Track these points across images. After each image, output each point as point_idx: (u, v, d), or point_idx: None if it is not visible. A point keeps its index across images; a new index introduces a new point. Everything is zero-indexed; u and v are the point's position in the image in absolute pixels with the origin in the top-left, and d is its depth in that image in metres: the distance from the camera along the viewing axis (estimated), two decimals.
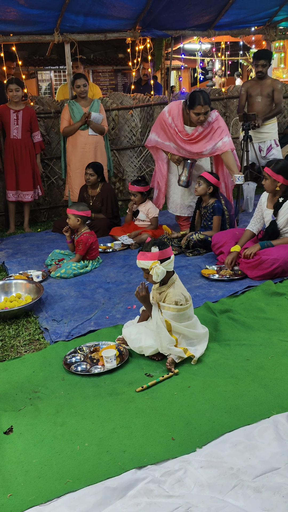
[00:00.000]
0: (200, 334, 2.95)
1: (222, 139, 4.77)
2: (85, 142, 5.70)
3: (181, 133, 4.84)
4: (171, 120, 4.87)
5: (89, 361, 2.92)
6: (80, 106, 5.71)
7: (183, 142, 4.87)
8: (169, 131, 4.92)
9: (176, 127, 4.84)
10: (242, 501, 1.86)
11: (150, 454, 2.12)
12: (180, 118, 4.84)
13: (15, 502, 1.91)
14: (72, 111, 5.69)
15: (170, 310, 2.85)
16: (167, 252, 2.88)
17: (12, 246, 5.31)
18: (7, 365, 2.93)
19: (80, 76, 5.70)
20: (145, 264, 2.83)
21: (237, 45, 10.69)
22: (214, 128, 4.78)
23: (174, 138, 4.90)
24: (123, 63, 12.68)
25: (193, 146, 4.85)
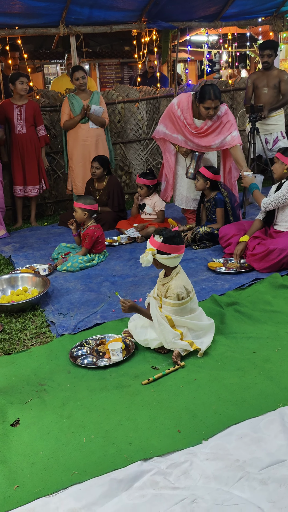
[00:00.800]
0: (205, 326, 2.94)
1: (231, 133, 4.73)
2: (87, 135, 5.67)
3: (190, 126, 4.79)
4: (180, 113, 4.81)
5: (95, 354, 2.92)
6: (79, 99, 5.67)
7: (191, 135, 4.82)
8: (177, 123, 4.87)
9: (185, 119, 4.79)
10: (248, 493, 1.86)
11: (156, 446, 2.12)
12: (189, 111, 4.79)
13: (21, 494, 1.92)
14: (72, 105, 5.65)
15: (171, 306, 2.84)
16: (169, 248, 2.83)
17: (19, 240, 5.32)
18: (14, 358, 2.95)
19: (78, 68, 5.62)
20: (148, 245, 2.89)
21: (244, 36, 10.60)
22: (224, 122, 4.73)
23: (182, 130, 4.85)
24: (129, 55, 12.62)
25: (201, 140, 4.81)
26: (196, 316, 2.93)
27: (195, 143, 4.85)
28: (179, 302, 2.84)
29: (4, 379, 2.73)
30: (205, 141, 4.80)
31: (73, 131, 5.70)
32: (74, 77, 5.58)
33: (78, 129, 5.68)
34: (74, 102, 5.65)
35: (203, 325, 2.94)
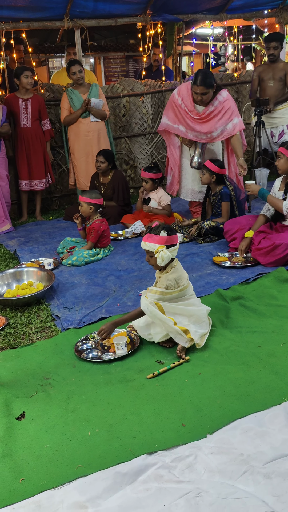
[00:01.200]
0: (196, 311, 2.89)
1: (232, 121, 4.74)
2: (88, 129, 5.64)
3: (192, 112, 4.77)
4: (181, 101, 4.80)
5: (100, 348, 2.93)
6: (78, 93, 5.63)
7: (193, 121, 4.78)
8: (179, 113, 4.86)
9: (186, 107, 4.78)
10: (252, 486, 1.86)
11: (160, 440, 2.12)
12: (189, 98, 4.76)
13: (27, 487, 1.93)
14: (71, 100, 5.61)
15: (155, 293, 2.84)
16: (175, 238, 2.87)
17: (24, 234, 5.33)
18: (19, 352, 2.96)
19: (75, 63, 5.57)
20: (151, 246, 2.82)
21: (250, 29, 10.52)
22: (225, 108, 4.71)
23: (184, 119, 4.83)
24: (134, 49, 12.57)
25: (203, 126, 4.77)
26: (188, 303, 2.91)
27: (197, 130, 4.80)
28: (164, 291, 2.82)
29: (9, 372, 2.74)
30: (207, 127, 4.76)
31: (74, 126, 5.67)
32: (71, 71, 5.53)
33: (79, 124, 5.65)
34: (73, 97, 5.62)
35: (194, 311, 2.89)
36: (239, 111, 5.62)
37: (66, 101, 5.63)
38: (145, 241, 2.86)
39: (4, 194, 5.56)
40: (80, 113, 5.55)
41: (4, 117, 5.38)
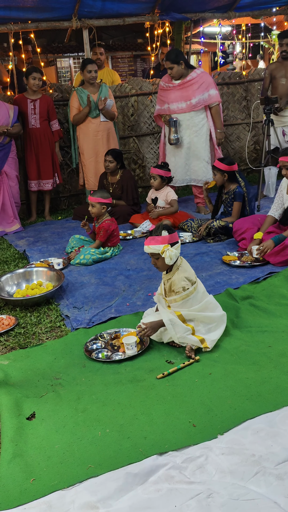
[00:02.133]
0: (216, 318, 2.89)
1: (209, 92, 5.38)
2: (97, 129, 5.66)
3: (173, 84, 5.42)
4: (164, 83, 5.51)
5: (110, 348, 2.93)
6: (88, 93, 5.65)
7: (174, 90, 5.41)
8: (164, 94, 5.51)
9: (168, 83, 5.46)
10: (264, 488, 1.85)
11: (171, 440, 2.12)
12: (169, 78, 5.47)
13: (38, 487, 1.93)
14: (81, 99, 5.63)
15: (177, 301, 2.83)
16: (175, 236, 2.85)
17: (33, 234, 5.34)
18: (29, 352, 2.96)
19: (93, 62, 5.63)
20: (156, 248, 2.79)
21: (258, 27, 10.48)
22: (202, 79, 5.37)
23: (167, 96, 5.46)
24: (142, 48, 12.56)
25: (183, 92, 5.37)
26: (208, 307, 2.89)
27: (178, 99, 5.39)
28: (184, 293, 2.81)
29: (19, 372, 2.74)
30: (186, 94, 5.37)
31: (83, 125, 5.68)
32: (87, 69, 5.56)
33: (88, 124, 5.66)
34: (83, 96, 5.63)
35: (214, 317, 2.89)
36: (248, 109, 5.69)
37: (76, 99, 5.65)
38: (148, 244, 2.82)
39: (14, 194, 5.58)
40: (87, 110, 5.56)
41: (16, 117, 5.40)
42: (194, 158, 5.52)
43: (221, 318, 2.94)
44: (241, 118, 7.38)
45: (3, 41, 8.67)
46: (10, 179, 5.50)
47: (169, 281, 2.89)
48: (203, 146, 5.48)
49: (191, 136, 5.46)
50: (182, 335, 2.77)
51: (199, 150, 5.48)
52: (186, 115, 5.42)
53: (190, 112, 5.40)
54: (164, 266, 2.87)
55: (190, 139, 5.47)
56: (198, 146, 5.47)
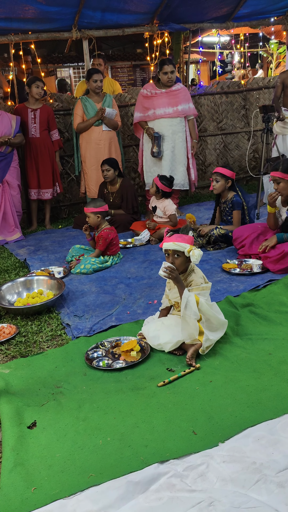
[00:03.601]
0: (220, 321, 2.93)
1: (189, 104, 5.83)
2: (100, 138, 5.71)
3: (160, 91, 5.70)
4: (147, 91, 5.74)
5: (110, 356, 2.93)
6: (93, 102, 5.70)
7: (162, 95, 5.68)
8: (147, 100, 5.72)
9: (154, 90, 5.72)
10: (265, 495, 1.85)
11: (172, 448, 2.11)
12: (154, 86, 5.78)
13: (39, 496, 1.93)
14: (86, 107, 5.69)
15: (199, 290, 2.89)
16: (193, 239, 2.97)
17: (34, 243, 5.36)
18: (30, 361, 2.97)
19: (98, 71, 5.70)
20: (183, 246, 2.84)
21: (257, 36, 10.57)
22: (186, 91, 5.85)
23: (153, 102, 5.70)
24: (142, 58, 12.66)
25: (171, 99, 5.67)
26: (215, 310, 2.93)
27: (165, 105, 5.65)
28: (203, 285, 2.89)
29: (20, 381, 2.74)
30: (174, 100, 5.69)
31: (86, 134, 5.73)
32: (93, 79, 5.63)
33: (91, 132, 5.70)
34: (87, 105, 5.68)
35: (220, 319, 2.93)
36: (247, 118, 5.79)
37: (80, 108, 5.70)
38: (175, 241, 2.86)
39: (15, 203, 5.60)
40: (94, 120, 5.62)
41: (18, 127, 5.44)
42: (177, 162, 5.83)
43: (223, 325, 2.96)
44: (240, 127, 7.42)
45: (4, 52, 8.74)
46: (12, 188, 5.53)
47: (186, 281, 2.94)
48: (183, 152, 5.83)
49: (175, 141, 5.76)
50: (190, 316, 2.77)
51: (180, 154, 5.81)
52: (172, 121, 5.72)
53: (176, 118, 5.73)
54: (182, 266, 2.91)
55: (174, 144, 5.76)
56: (181, 151, 5.81)
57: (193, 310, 2.78)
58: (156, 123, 5.72)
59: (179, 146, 5.79)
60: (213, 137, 7.29)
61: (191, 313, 2.78)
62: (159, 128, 5.71)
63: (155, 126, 5.72)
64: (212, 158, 7.33)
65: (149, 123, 5.76)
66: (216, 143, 7.34)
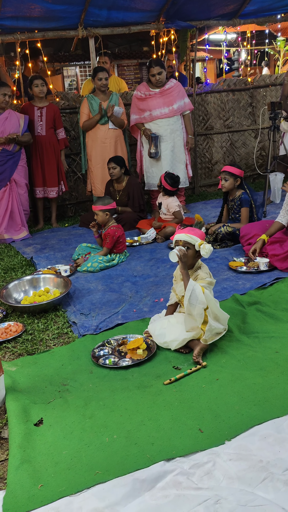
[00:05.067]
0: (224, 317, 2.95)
1: (184, 99, 5.81)
2: (105, 136, 5.71)
3: (153, 93, 5.69)
4: (141, 92, 5.73)
5: (117, 354, 2.93)
6: (99, 100, 5.70)
7: (156, 97, 5.67)
8: (142, 102, 5.72)
9: (147, 92, 5.72)
10: (272, 494, 1.84)
11: (178, 446, 2.11)
12: (146, 88, 5.77)
13: (45, 493, 1.93)
14: (92, 106, 5.69)
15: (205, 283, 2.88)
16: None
17: (40, 242, 5.37)
18: (37, 358, 2.97)
19: (103, 69, 5.70)
20: (195, 239, 2.88)
21: (263, 33, 10.50)
22: (179, 87, 5.79)
23: (148, 104, 5.70)
24: (148, 56, 12.63)
25: (165, 99, 5.67)
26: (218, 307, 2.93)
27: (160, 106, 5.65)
28: (208, 280, 2.89)
29: (27, 379, 2.75)
30: (168, 100, 5.68)
31: (92, 132, 5.73)
32: (97, 77, 5.63)
33: (97, 130, 5.70)
34: (93, 103, 5.68)
35: (224, 315, 2.94)
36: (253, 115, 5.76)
37: (86, 106, 5.70)
38: (187, 233, 2.90)
39: (23, 202, 5.62)
40: (98, 117, 5.62)
41: (26, 127, 5.45)
42: (177, 161, 5.84)
43: (225, 320, 2.97)
44: (247, 125, 7.39)
45: (11, 51, 8.76)
46: (19, 187, 5.54)
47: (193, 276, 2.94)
48: (183, 150, 5.86)
49: (174, 140, 5.77)
50: (196, 304, 2.76)
51: (180, 152, 5.84)
52: (170, 120, 5.73)
53: (173, 117, 5.74)
54: (190, 259, 2.93)
55: (174, 143, 5.78)
56: (181, 149, 5.83)
57: (199, 299, 2.77)
58: (154, 124, 5.74)
59: (178, 145, 5.81)
60: (219, 135, 7.26)
61: (197, 301, 2.77)
62: (157, 129, 5.72)
63: (153, 127, 5.74)
64: (219, 156, 7.31)
65: (146, 124, 5.78)
66: (223, 141, 7.32)
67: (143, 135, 5.80)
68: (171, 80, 5.81)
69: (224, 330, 2.98)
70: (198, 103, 6.94)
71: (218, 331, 2.89)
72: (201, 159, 7.18)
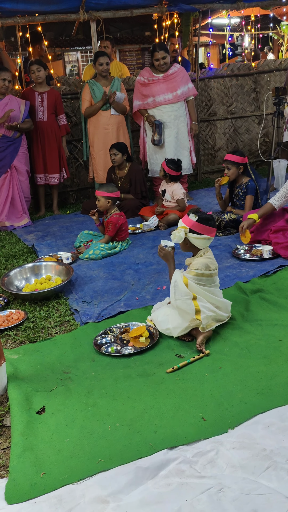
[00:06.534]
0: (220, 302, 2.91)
1: (188, 85, 5.72)
2: (108, 122, 5.64)
3: (157, 78, 5.60)
4: (144, 78, 5.64)
5: (119, 342, 2.92)
6: (100, 86, 5.62)
7: (159, 82, 5.58)
8: (145, 88, 5.63)
9: (151, 77, 5.63)
10: (275, 482, 1.83)
11: (181, 434, 2.10)
12: (150, 73, 5.67)
13: (48, 481, 1.93)
14: (93, 91, 5.61)
15: (191, 274, 2.85)
16: (202, 228, 2.86)
17: (42, 229, 5.34)
18: (39, 346, 2.96)
19: (103, 54, 5.60)
20: (180, 223, 2.90)
21: (267, 18, 10.36)
22: (183, 72, 5.71)
23: (151, 90, 5.60)
24: (150, 41, 12.49)
25: (169, 84, 5.58)
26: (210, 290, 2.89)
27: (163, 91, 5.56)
28: (198, 272, 2.84)
29: (29, 367, 2.74)
30: (172, 85, 5.59)
31: (94, 118, 5.66)
32: (98, 61, 5.54)
33: (99, 117, 5.64)
34: (95, 89, 5.61)
35: (224, 303, 2.93)
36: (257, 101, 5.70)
37: (87, 92, 5.63)
38: (183, 221, 2.92)
39: (24, 189, 5.57)
40: (101, 104, 5.54)
41: (27, 112, 5.39)
42: (181, 147, 5.76)
43: (227, 308, 2.96)
44: (250, 111, 7.31)
45: (11, 35, 8.65)
46: (20, 173, 5.50)
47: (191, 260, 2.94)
48: (187, 136, 5.79)
49: (178, 126, 5.69)
50: (181, 298, 2.78)
51: (184, 139, 5.77)
52: (173, 106, 5.64)
53: (177, 103, 5.64)
54: (184, 246, 2.96)
55: (178, 129, 5.70)
56: (185, 135, 5.76)
57: (181, 290, 2.79)
58: (158, 110, 5.65)
59: (182, 131, 5.73)
60: (222, 121, 7.19)
61: (181, 294, 2.78)
62: (161, 115, 5.64)
63: (156, 113, 5.65)
64: (222, 142, 7.24)
65: (150, 110, 5.69)
66: (226, 127, 7.24)
67: (146, 121, 5.73)
68: (175, 65, 5.72)
69: (227, 317, 2.97)
70: (201, 88, 6.85)
71: (219, 318, 2.87)
72: (204, 146, 7.12)
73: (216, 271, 2.93)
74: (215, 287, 2.94)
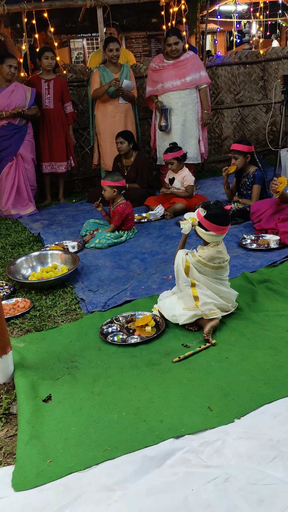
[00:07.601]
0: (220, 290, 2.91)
1: (200, 73, 5.60)
2: (116, 110, 5.60)
3: (167, 63, 5.56)
4: (156, 64, 5.62)
5: (125, 331, 2.91)
6: (110, 72, 5.57)
7: (169, 68, 5.53)
8: (156, 74, 5.61)
9: (161, 63, 5.60)
10: (282, 472, 1.83)
11: (187, 424, 2.10)
12: (161, 59, 5.65)
13: (54, 469, 1.94)
14: (103, 77, 5.56)
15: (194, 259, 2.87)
16: (209, 225, 2.83)
17: (48, 217, 5.33)
18: (45, 335, 2.96)
19: (114, 40, 5.55)
20: (191, 215, 2.92)
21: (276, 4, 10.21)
22: (196, 60, 5.60)
23: (161, 75, 5.57)
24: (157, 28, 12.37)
25: (178, 71, 5.52)
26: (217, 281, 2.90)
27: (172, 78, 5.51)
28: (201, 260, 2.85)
29: (35, 355, 2.75)
30: (181, 71, 5.52)
31: (102, 105, 5.62)
32: (108, 48, 5.49)
33: (107, 104, 5.59)
34: (105, 74, 5.56)
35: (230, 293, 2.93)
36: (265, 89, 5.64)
37: (97, 76, 5.58)
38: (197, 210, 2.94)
39: (29, 177, 5.55)
40: (108, 87, 5.45)
41: (33, 100, 5.35)
42: (188, 136, 5.67)
43: (232, 298, 2.95)
44: (258, 99, 7.24)
45: (17, 22, 8.57)
46: (25, 162, 5.47)
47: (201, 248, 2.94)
48: (195, 124, 5.70)
49: (186, 114, 5.62)
50: (180, 283, 2.85)
51: (192, 127, 5.68)
52: (181, 93, 5.57)
53: (185, 90, 5.56)
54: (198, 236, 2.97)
55: (185, 117, 5.64)
56: (193, 123, 5.67)
57: (181, 276, 2.84)
58: (165, 96, 5.60)
59: (190, 119, 5.65)
60: (230, 109, 7.12)
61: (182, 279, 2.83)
62: (168, 102, 5.60)
63: (165, 100, 5.61)
64: (229, 131, 7.18)
65: (159, 97, 5.65)
66: (233, 115, 7.17)
67: (155, 107, 5.69)
68: (188, 52, 5.63)
69: (233, 308, 2.96)
70: (208, 76, 6.77)
71: (222, 307, 2.88)
72: (210, 135, 7.06)
73: (224, 264, 2.90)
74: (220, 279, 2.92)
